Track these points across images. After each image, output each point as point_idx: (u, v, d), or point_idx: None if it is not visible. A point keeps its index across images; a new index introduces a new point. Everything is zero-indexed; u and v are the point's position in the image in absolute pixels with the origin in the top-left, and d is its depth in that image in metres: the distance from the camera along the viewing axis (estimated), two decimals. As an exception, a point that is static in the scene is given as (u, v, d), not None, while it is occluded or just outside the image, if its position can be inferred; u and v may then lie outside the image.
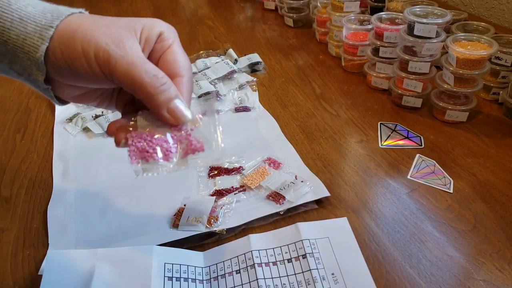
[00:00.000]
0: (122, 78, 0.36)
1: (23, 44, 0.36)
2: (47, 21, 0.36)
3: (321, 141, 0.70)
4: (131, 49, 0.36)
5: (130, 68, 0.35)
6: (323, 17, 0.99)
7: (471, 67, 0.68)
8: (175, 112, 0.38)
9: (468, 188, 0.60)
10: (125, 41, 0.36)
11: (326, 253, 0.50)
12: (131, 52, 0.36)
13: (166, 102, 0.37)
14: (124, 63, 0.35)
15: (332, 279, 0.47)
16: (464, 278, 0.48)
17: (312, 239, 0.51)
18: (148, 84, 0.36)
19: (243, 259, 0.49)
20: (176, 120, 0.38)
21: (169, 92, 0.37)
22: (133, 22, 0.38)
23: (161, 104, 0.37)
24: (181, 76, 0.39)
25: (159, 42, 0.39)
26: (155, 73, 0.36)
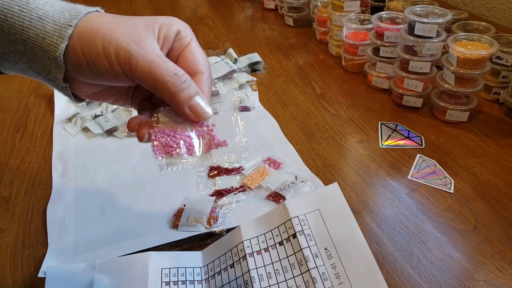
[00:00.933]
0: (143, 77, 0.36)
1: (43, 43, 0.36)
2: (65, 20, 0.36)
3: (321, 141, 0.70)
4: (151, 48, 0.37)
5: (151, 67, 0.36)
6: (324, 17, 0.99)
7: (471, 67, 0.68)
8: (196, 108, 0.38)
9: (468, 188, 0.60)
10: (145, 40, 0.37)
11: (317, 227, 0.46)
12: (151, 51, 0.36)
13: (188, 99, 0.38)
14: (145, 62, 0.36)
15: (326, 254, 0.44)
16: (465, 278, 0.48)
17: (301, 215, 0.48)
18: (169, 82, 0.36)
19: (236, 251, 0.48)
20: (198, 116, 0.39)
21: (190, 89, 0.38)
22: (151, 21, 0.39)
23: (182, 101, 0.38)
24: (202, 73, 0.40)
25: (177, 40, 0.40)
26: (175, 71, 0.37)
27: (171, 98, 0.37)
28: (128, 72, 0.36)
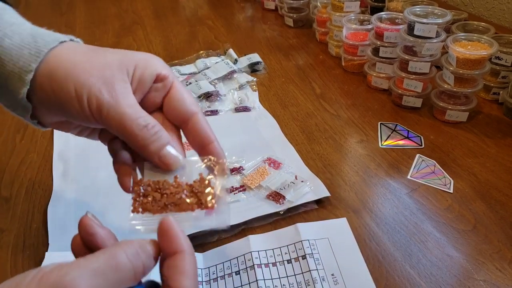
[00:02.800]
0: (113, 126, 0.36)
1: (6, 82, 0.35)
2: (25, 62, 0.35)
3: (321, 141, 0.70)
4: (123, 97, 0.35)
5: (121, 120, 0.35)
6: (323, 17, 0.99)
7: (471, 67, 0.68)
8: (165, 159, 0.37)
9: (468, 188, 0.60)
10: (117, 86, 0.36)
11: (326, 253, 0.50)
12: (123, 101, 0.35)
13: (158, 150, 0.37)
14: (116, 114, 0.35)
15: (332, 280, 0.47)
16: (464, 278, 0.48)
17: (311, 240, 0.51)
18: (138, 136, 0.36)
19: (243, 260, 0.49)
20: (167, 166, 0.37)
21: (160, 140, 0.37)
22: (126, 59, 0.37)
23: (152, 153, 0.36)
24: (195, 113, 0.39)
25: (158, 82, 0.38)
26: (145, 124, 0.36)
27: (141, 151, 0.37)
28: (99, 119, 0.35)
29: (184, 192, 0.36)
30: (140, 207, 0.36)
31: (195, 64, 0.93)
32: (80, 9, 1.31)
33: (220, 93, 0.82)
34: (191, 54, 0.99)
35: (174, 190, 0.36)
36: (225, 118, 0.77)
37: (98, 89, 0.35)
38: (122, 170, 0.39)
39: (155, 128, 0.36)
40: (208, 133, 0.39)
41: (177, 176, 0.37)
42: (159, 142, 0.36)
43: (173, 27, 1.16)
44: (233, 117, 0.77)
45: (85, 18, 1.24)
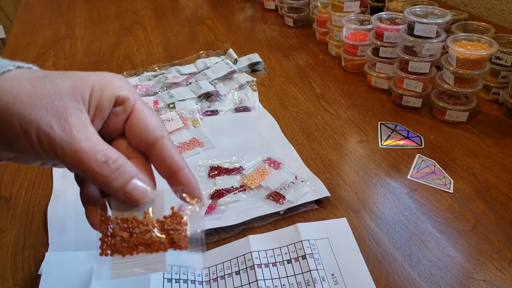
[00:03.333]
0: (70, 165, 0.31)
1: None
2: None
3: (321, 141, 0.70)
4: (78, 131, 0.31)
5: (78, 157, 0.31)
6: (323, 17, 0.99)
7: (471, 67, 0.68)
8: (132, 194, 0.33)
9: (468, 188, 0.60)
10: (71, 117, 0.31)
11: (326, 254, 0.50)
12: (78, 135, 0.31)
13: (122, 187, 0.32)
14: (71, 151, 0.31)
15: (332, 280, 0.47)
16: (464, 278, 0.48)
17: (311, 240, 0.51)
18: (99, 174, 0.31)
19: (243, 260, 0.49)
20: (136, 202, 0.33)
21: (123, 176, 0.32)
22: (79, 84, 0.32)
23: (116, 190, 0.32)
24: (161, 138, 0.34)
25: (118, 105, 0.34)
26: (105, 160, 0.31)
27: (104, 188, 0.33)
28: (53, 157, 0.31)
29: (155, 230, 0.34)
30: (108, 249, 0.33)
31: (195, 64, 0.93)
32: (80, 9, 1.31)
33: (220, 93, 0.82)
34: (191, 54, 0.99)
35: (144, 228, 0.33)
36: (225, 118, 0.77)
37: (47, 123, 0.30)
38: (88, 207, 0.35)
39: (117, 163, 0.32)
40: (176, 159, 0.35)
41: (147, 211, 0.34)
42: (122, 178, 0.32)
43: (173, 27, 1.16)
44: (233, 117, 0.77)
45: (85, 18, 1.24)
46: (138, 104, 0.34)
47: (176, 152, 0.35)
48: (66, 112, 0.31)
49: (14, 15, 2.14)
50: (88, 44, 1.08)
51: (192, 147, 0.68)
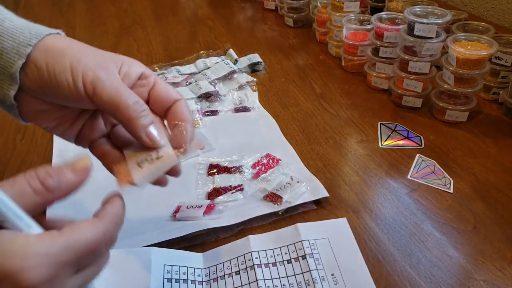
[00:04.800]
0: (106, 101, 0.37)
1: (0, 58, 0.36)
2: (25, 38, 0.37)
3: (321, 141, 0.70)
4: (116, 78, 0.38)
5: (117, 93, 0.37)
6: (323, 17, 0.99)
7: (471, 67, 0.68)
8: (151, 135, 0.39)
9: (468, 188, 0.60)
10: (110, 69, 0.38)
11: (326, 253, 0.50)
12: (117, 79, 0.38)
13: (145, 126, 0.39)
14: (112, 87, 0.37)
15: (332, 280, 0.47)
16: (464, 278, 0.48)
17: (311, 240, 0.51)
18: (131, 108, 0.38)
19: (243, 260, 0.49)
20: (153, 142, 0.39)
21: (148, 118, 0.39)
22: (114, 56, 0.40)
23: (141, 127, 0.39)
24: (179, 99, 0.42)
25: (143, 79, 0.41)
26: (137, 99, 0.39)
27: (130, 122, 0.38)
28: (91, 94, 0.37)
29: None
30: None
31: (195, 64, 0.93)
32: (80, 9, 1.31)
33: (220, 93, 0.82)
34: (191, 54, 0.99)
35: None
36: (225, 119, 0.77)
37: (94, 66, 0.37)
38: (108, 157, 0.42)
39: (144, 106, 0.39)
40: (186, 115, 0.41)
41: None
42: (147, 119, 0.39)
43: (173, 27, 1.16)
44: (233, 118, 0.77)
45: (85, 18, 1.24)
46: (159, 80, 0.42)
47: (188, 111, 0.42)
48: (107, 65, 0.38)
49: (14, 15, 2.14)
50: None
51: (192, 148, 0.68)
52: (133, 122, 0.38)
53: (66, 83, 0.36)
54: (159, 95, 0.41)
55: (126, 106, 0.38)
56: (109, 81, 0.37)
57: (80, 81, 0.36)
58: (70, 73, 0.36)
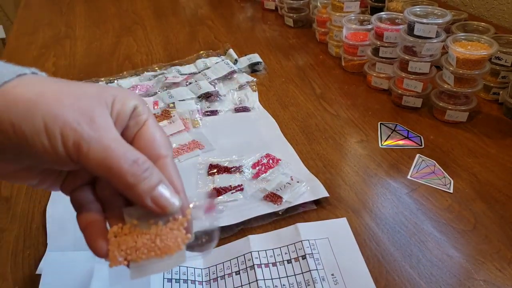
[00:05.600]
0: (95, 165, 0.29)
1: None
2: None
3: (321, 141, 0.70)
4: (105, 130, 0.30)
5: (107, 155, 0.29)
6: (323, 17, 0.99)
7: (471, 67, 0.68)
8: (160, 200, 0.31)
9: (468, 188, 0.60)
10: (98, 118, 0.30)
11: (326, 253, 0.50)
12: (106, 133, 0.30)
13: (149, 190, 0.31)
14: (100, 148, 0.29)
15: (332, 279, 0.47)
16: (464, 278, 0.48)
17: (311, 240, 0.51)
18: (128, 173, 0.30)
19: (243, 260, 0.49)
20: (163, 209, 0.32)
21: (152, 179, 0.31)
22: (102, 91, 0.32)
23: (143, 193, 0.31)
24: (165, 157, 0.33)
25: (133, 118, 0.33)
26: (135, 159, 0.30)
27: (129, 190, 0.31)
28: (76, 158, 0.29)
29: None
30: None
31: (195, 64, 0.93)
32: (80, 9, 1.31)
33: (220, 93, 0.82)
34: (191, 54, 0.99)
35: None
36: (225, 119, 0.77)
37: (74, 120, 0.29)
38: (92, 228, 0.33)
39: (146, 164, 0.31)
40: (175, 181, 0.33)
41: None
42: (151, 180, 0.31)
43: (173, 27, 1.16)
44: (232, 118, 0.77)
45: (85, 18, 1.24)
46: (150, 120, 0.34)
47: (176, 174, 0.34)
48: (93, 112, 0.30)
49: (14, 15, 2.14)
50: (88, 44, 1.08)
51: (192, 149, 0.68)
52: (133, 189, 0.30)
53: (42, 147, 0.28)
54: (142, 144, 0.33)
55: (120, 171, 0.29)
56: (96, 140, 0.29)
57: (60, 144, 0.28)
58: (45, 135, 0.28)
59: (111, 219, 0.33)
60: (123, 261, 0.31)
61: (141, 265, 0.32)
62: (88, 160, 0.29)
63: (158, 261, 0.32)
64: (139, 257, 0.32)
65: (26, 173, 0.33)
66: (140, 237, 0.32)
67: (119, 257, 0.31)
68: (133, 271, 0.32)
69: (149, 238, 0.32)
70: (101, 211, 0.34)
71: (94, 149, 0.29)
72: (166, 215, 0.32)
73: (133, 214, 0.33)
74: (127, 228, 0.32)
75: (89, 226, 0.33)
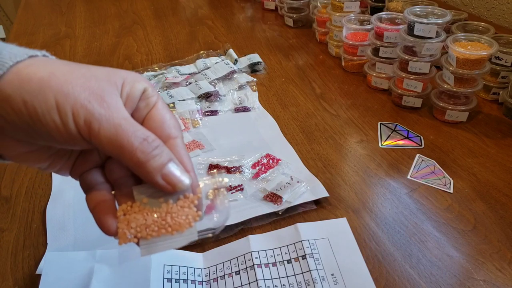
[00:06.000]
0: (106, 143, 0.30)
1: None
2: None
3: (321, 141, 0.70)
4: (116, 109, 0.30)
5: (117, 132, 0.30)
6: (323, 17, 0.99)
7: (471, 67, 0.68)
8: (170, 177, 0.32)
9: (468, 188, 0.60)
10: (108, 97, 0.30)
11: (326, 253, 0.50)
12: (117, 112, 0.30)
13: (160, 167, 0.31)
14: (110, 126, 0.30)
15: (332, 279, 0.47)
16: (464, 278, 0.48)
17: (311, 240, 0.51)
18: (138, 150, 0.30)
19: (243, 260, 0.49)
20: (173, 186, 0.32)
21: (162, 156, 0.31)
22: (112, 73, 0.32)
23: (153, 170, 0.31)
24: (175, 138, 0.34)
25: (143, 100, 0.34)
26: (144, 137, 0.31)
27: (139, 168, 0.31)
28: (87, 135, 0.29)
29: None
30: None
31: (195, 64, 0.93)
32: (80, 9, 1.31)
33: (219, 93, 0.82)
34: (191, 54, 0.99)
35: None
36: (225, 119, 0.77)
37: (85, 98, 0.29)
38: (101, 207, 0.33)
39: (156, 142, 0.31)
40: (185, 161, 0.34)
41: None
42: (161, 158, 0.31)
43: (173, 27, 1.16)
44: (232, 118, 0.77)
45: (85, 18, 1.24)
46: (160, 103, 0.35)
47: (186, 154, 0.34)
48: (104, 93, 0.30)
49: (14, 15, 2.14)
50: (88, 44, 1.08)
51: (192, 149, 0.68)
52: (143, 167, 0.31)
53: (54, 125, 0.29)
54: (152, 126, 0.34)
55: (131, 148, 0.30)
56: (106, 118, 0.29)
57: (71, 122, 0.29)
58: (56, 112, 0.29)
59: (121, 198, 0.34)
60: (132, 238, 0.32)
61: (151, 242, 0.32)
62: (99, 138, 0.29)
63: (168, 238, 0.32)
64: (149, 234, 0.32)
65: (37, 154, 0.33)
66: (150, 214, 0.32)
67: (129, 235, 0.32)
68: (143, 248, 0.32)
69: (159, 216, 0.32)
70: (110, 191, 0.34)
71: (104, 127, 0.29)
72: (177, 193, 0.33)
73: (143, 192, 0.33)
74: (136, 206, 0.33)
75: (98, 205, 0.33)
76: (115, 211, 0.33)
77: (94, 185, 0.34)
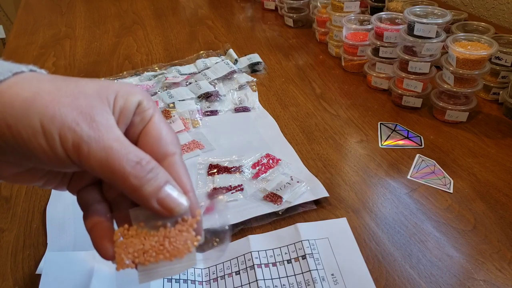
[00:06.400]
0: (97, 167, 0.28)
1: None
2: None
3: (321, 141, 0.70)
4: (106, 129, 0.28)
5: (108, 156, 0.28)
6: (323, 17, 0.99)
7: (471, 67, 0.68)
8: (167, 202, 0.30)
9: (468, 188, 0.60)
10: (98, 117, 0.28)
11: (325, 253, 0.50)
12: (107, 134, 0.28)
13: (155, 192, 0.29)
14: (100, 149, 0.27)
15: (332, 279, 0.47)
16: (464, 278, 0.48)
17: (311, 240, 0.51)
18: (131, 175, 0.28)
19: (243, 260, 0.49)
20: (170, 211, 0.30)
21: (157, 179, 0.29)
22: (104, 87, 0.30)
23: (148, 195, 0.29)
24: (172, 154, 0.32)
25: (138, 114, 0.31)
26: (138, 160, 0.29)
27: (133, 193, 0.29)
28: (76, 159, 0.28)
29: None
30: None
31: (195, 64, 0.93)
32: (80, 9, 1.31)
33: (220, 93, 0.82)
34: (191, 54, 0.99)
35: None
36: (225, 118, 0.77)
37: (73, 120, 0.27)
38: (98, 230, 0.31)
39: (150, 164, 0.29)
40: (183, 180, 0.32)
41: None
42: (156, 181, 0.29)
43: (173, 27, 1.16)
44: (232, 118, 0.77)
45: (85, 18, 1.24)
46: (157, 116, 0.32)
47: (185, 173, 0.32)
48: (93, 111, 0.28)
49: (14, 15, 2.14)
50: (88, 44, 1.08)
51: (192, 149, 0.68)
52: (137, 192, 0.29)
53: (41, 149, 0.27)
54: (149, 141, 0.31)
55: (123, 173, 0.28)
56: (96, 140, 0.27)
57: (59, 146, 0.27)
58: (43, 136, 0.27)
59: (119, 219, 0.32)
60: (130, 264, 0.31)
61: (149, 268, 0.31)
62: (89, 161, 0.28)
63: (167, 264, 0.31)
64: (147, 260, 0.31)
65: (30, 175, 0.32)
66: (147, 239, 0.31)
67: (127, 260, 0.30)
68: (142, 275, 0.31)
69: (157, 241, 0.31)
70: (107, 211, 0.33)
71: (94, 150, 0.27)
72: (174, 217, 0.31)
73: (139, 215, 0.31)
74: (133, 229, 0.31)
75: (94, 227, 0.32)
76: (111, 234, 0.31)
77: (91, 203, 0.33)
